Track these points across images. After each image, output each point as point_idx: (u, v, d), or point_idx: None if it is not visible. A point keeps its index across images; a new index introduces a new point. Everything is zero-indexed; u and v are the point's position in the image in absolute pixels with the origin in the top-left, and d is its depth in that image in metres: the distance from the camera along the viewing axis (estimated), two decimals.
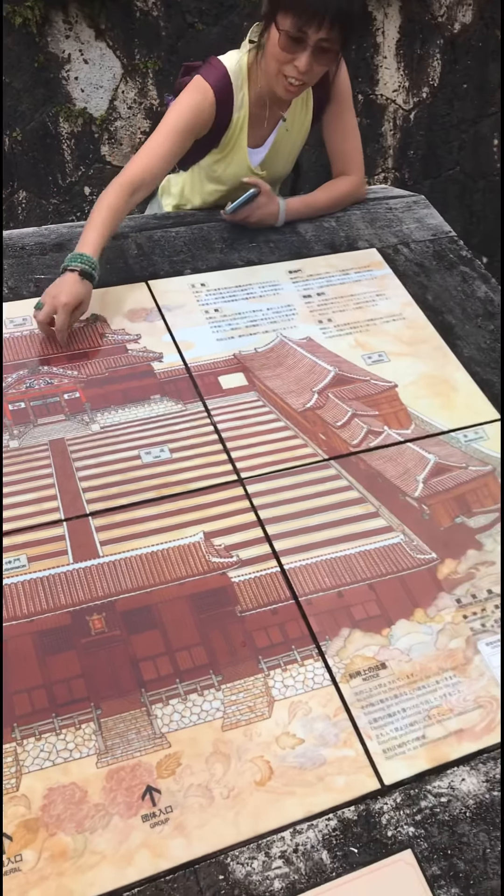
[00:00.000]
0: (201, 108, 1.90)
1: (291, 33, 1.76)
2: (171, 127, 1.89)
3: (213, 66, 1.94)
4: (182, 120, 1.89)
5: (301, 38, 1.76)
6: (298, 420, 1.72)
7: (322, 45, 1.77)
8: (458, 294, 2.06)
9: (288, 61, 1.81)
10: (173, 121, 1.89)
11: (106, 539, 1.47)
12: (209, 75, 1.92)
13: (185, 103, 1.90)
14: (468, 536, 1.56)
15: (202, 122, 1.93)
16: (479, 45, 4.34)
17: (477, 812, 1.23)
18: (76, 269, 1.72)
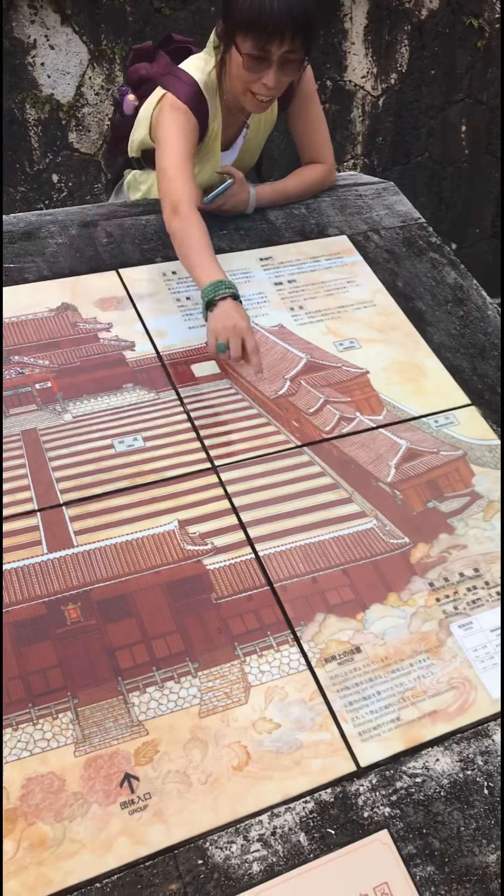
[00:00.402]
0: (189, 126, 1.87)
1: (254, 54, 1.73)
2: (180, 149, 1.84)
3: (183, 80, 1.89)
4: (183, 140, 1.85)
5: (265, 57, 1.73)
6: (271, 407, 1.73)
7: (287, 58, 1.74)
8: (427, 280, 2.08)
9: (254, 80, 1.79)
10: (177, 144, 1.84)
11: (80, 529, 1.46)
12: (180, 92, 1.88)
13: (175, 125, 1.85)
14: (440, 520, 1.58)
15: (195, 137, 1.90)
16: (446, 31, 4.35)
17: (451, 791, 1.25)
18: (227, 294, 1.67)
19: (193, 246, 1.75)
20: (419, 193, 4.70)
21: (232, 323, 1.64)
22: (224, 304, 1.66)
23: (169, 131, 1.86)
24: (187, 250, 1.76)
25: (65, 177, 3.78)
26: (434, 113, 4.55)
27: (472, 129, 4.71)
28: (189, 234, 1.76)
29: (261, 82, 1.78)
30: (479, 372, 1.87)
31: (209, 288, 1.68)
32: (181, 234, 1.77)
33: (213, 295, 1.67)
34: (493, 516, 1.60)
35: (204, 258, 1.73)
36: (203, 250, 1.74)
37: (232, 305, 1.66)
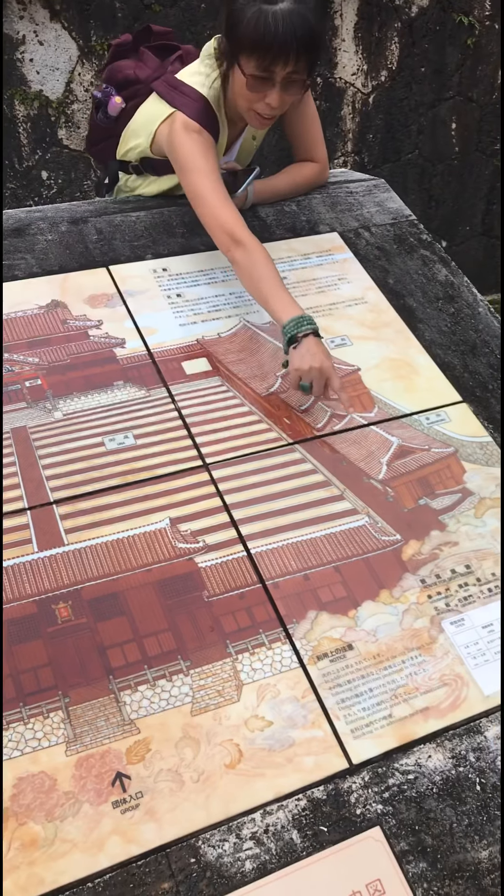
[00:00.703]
0: (207, 143, 1.84)
1: (258, 74, 1.71)
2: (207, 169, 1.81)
3: (190, 97, 1.86)
4: (206, 159, 1.82)
5: (268, 77, 1.71)
6: (263, 404, 1.72)
7: (291, 78, 1.72)
8: (418, 278, 2.08)
9: (258, 100, 1.77)
10: (203, 164, 1.81)
11: (71, 527, 1.46)
12: (191, 111, 1.85)
13: (195, 146, 1.82)
14: (431, 517, 1.58)
15: (215, 152, 1.89)
16: (437, 28, 4.35)
17: (443, 787, 1.25)
18: (310, 331, 1.65)
19: (265, 278, 1.73)
20: (409, 191, 4.70)
21: (318, 363, 1.62)
22: (307, 342, 1.64)
23: (192, 155, 1.83)
24: (258, 282, 1.73)
25: (54, 173, 3.76)
26: (424, 110, 4.55)
27: (462, 126, 4.72)
28: (257, 264, 1.74)
29: (264, 102, 1.76)
30: (471, 369, 1.87)
31: (291, 324, 1.65)
32: (248, 265, 1.75)
33: (296, 332, 1.65)
34: (485, 513, 1.60)
35: (278, 291, 1.71)
36: (276, 282, 1.72)
37: (314, 343, 1.64)
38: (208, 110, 1.87)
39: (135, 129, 2.02)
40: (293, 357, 1.66)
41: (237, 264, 1.78)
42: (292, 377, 1.67)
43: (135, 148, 2.03)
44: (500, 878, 1.17)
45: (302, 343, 1.64)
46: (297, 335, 1.65)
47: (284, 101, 1.78)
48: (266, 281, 1.72)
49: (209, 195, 1.81)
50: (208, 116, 1.87)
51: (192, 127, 1.84)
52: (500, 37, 4.54)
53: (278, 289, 1.71)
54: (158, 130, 1.92)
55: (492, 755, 1.29)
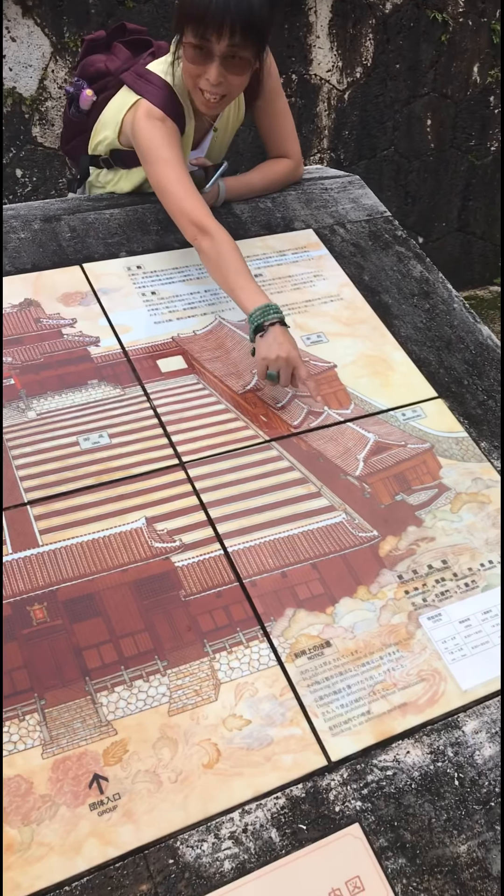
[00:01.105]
0: (171, 132, 1.83)
1: (196, 43, 1.70)
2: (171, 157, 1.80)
3: (156, 84, 1.85)
4: (169, 148, 1.81)
5: (206, 49, 1.70)
6: (239, 402, 1.72)
7: (230, 53, 1.70)
8: (394, 274, 2.08)
9: (199, 74, 1.75)
10: (166, 153, 1.80)
11: (45, 527, 1.44)
12: (155, 98, 1.84)
13: (158, 135, 1.81)
14: (408, 513, 1.58)
15: (179, 141, 1.87)
16: (411, 25, 4.36)
17: (422, 783, 1.25)
18: (276, 320, 1.65)
19: (231, 268, 1.72)
20: (385, 188, 4.71)
21: (285, 353, 1.63)
22: (273, 331, 1.64)
23: (155, 145, 1.82)
24: (225, 272, 1.73)
25: (29, 171, 3.73)
26: (399, 107, 4.57)
27: (437, 122, 4.74)
28: (223, 254, 1.73)
29: (204, 77, 1.75)
30: (446, 365, 1.88)
31: (257, 313, 1.65)
32: (214, 254, 1.75)
33: (262, 320, 1.65)
34: (461, 508, 1.61)
35: (245, 280, 1.71)
36: (242, 271, 1.72)
37: (281, 332, 1.65)
38: (172, 98, 1.86)
39: (104, 121, 2.01)
40: (259, 346, 1.66)
41: (203, 254, 1.78)
42: (259, 366, 1.68)
43: (104, 140, 2.02)
44: (478, 873, 1.18)
45: (268, 332, 1.65)
46: (264, 324, 1.65)
47: (228, 80, 1.75)
48: (232, 270, 1.72)
49: (174, 185, 1.80)
50: (173, 104, 1.86)
51: (155, 114, 1.83)
52: (474, 33, 4.56)
53: (245, 278, 1.71)
54: (124, 119, 1.91)
55: (470, 749, 1.30)
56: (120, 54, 2.06)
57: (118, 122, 1.94)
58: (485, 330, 1.99)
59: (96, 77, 2.06)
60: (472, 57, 4.67)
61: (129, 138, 1.92)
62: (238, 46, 1.69)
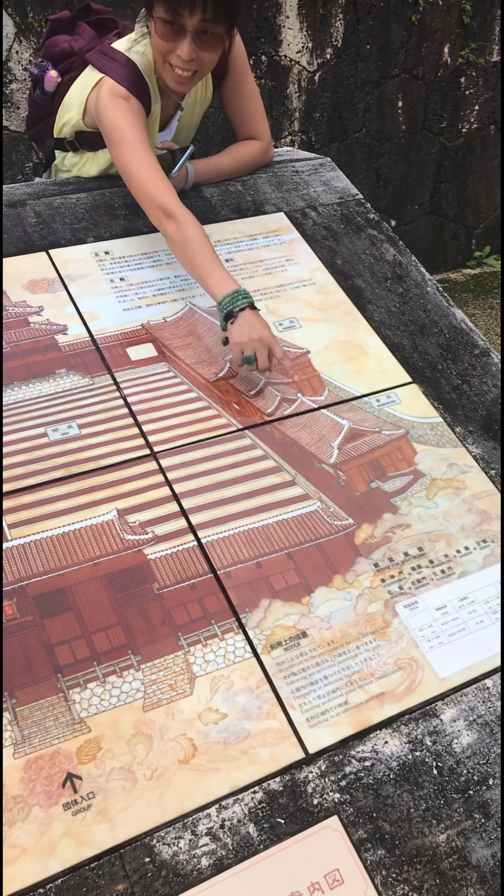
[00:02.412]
0: (135, 111, 1.79)
1: (167, 19, 1.66)
2: (135, 138, 1.76)
3: (119, 62, 1.81)
4: (133, 129, 1.77)
5: (178, 25, 1.67)
6: (211, 390, 1.69)
7: (202, 29, 1.67)
8: (366, 258, 2.05)
9: (170, 51, 1.72)
10: (130, 133, 1.76)
11: (14, 521, 1.41)
12: (119, 76, 1.79)
13: (122, 115, 1.77)
14: (383, 500, 1.57)
15: (144, 121, 1.83)
16: (381, 5, 4.32)
17: (400, 773, 1.24)
18: (246, 305, 1.63)
19: (198, 253, 1.69)
20: (357, 170, 4.68)
21: (257, 335, 1.61)
22: (244, 315, 1.63)
23: (118, 124, 1.77)
24: (192, 258, 1.70)
25: None
26: (370, 88, 4.53)
27: (408, 104, 4.70)
28: (190, 239, 1.70)
29: (175, 53, 1.71)
30: (420, 349, 1.86)
31: (226, 300, 1.64)
32: (181, 240, 1.71)
33: (232, 306, 1.63)
34: (436, 494, 1.59)
35: (212, 266, 1.68)
36: (210, 257, 1.69)
37: (252, 315, 1.63)
38: (137, 76, 1.81)
39: (68, 101, 1.96)
40: (232, 332, 1.64)
41: (170, 239, 1.75)
42: (234, 352, 1.65)
43: (68, 122, 1.97)
44: (458, 862, 1.17)
45: (239, 317, 1.63)
46: (234, 310, 1.63)
47: (201, 57, 1.73)
48: (199, 256, 1.69)
49: (138, 168, 1.76)
50: (137, 82, 1.81)
51: (118, 92, 1.79)
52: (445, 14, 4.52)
53: (213, 264, 1.68)
54: (88, 99, 1.87)
55: (448, 738, 1.29)
56: (85, 34, 2.01)
57: (82, 102, 1.89)
58: (458, 314, 1.97)
59: (61, 58, 2.01)
60: (443, 37, 4.64)
61: (93, 119, 1.88)
62: (210, 22, 1.66)
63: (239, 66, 2.01)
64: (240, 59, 2.01)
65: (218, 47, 1.74)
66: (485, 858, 1.18)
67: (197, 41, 1.69)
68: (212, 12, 1.64)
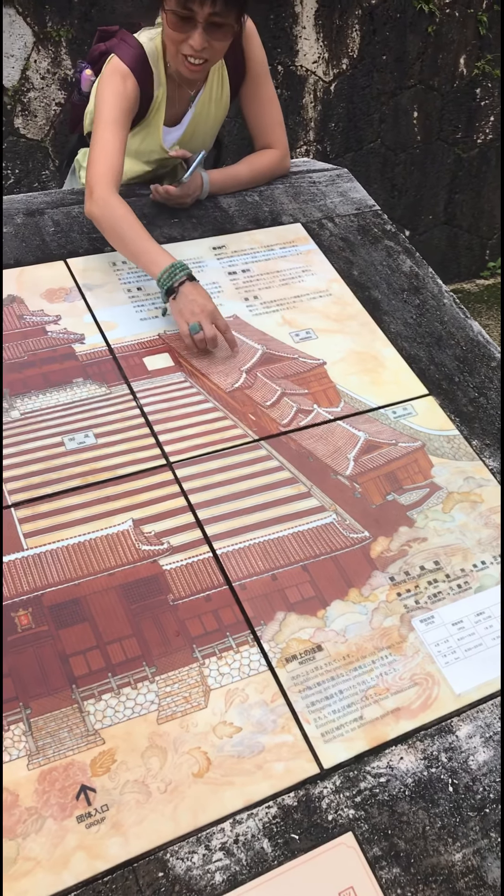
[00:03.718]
0: (127, 92, 1.82)
1: (178, 11, 1.70)
2: (110, 119, 1.80)
3: (129, 44, 1.86)
4: (116, 109, 1.81)
5: (189, 16, 1.70)
6: (227, 400, 1.69)
7: (213, 21, 1.71)
8: (383, 269, 2.05)
9: (182, 41, 1.76)
10: (108, 113, 1.80)
11: (30, 531, 1.41)
12: (125, 55, 1.84)
13: (111, 92, 1.81)
14: (399, 513, 1.56)
15: (132, 104, 1.86)
16: (398, 16, 4.33)
17: (416, 790, 1.23)
18: (185, 278, 1.66)
19: (128, 232, 1.71)
20: (372, 180, 4.68)
21: (199, 306, 1.64)
22: (184, 289, 1.66)
23: (103, 100, 1.82)
24: (122, 237, 1.72)
25: (11, 163, 3.67)
26: (386, 99, 4.53)
27: (423, 114, 4.70)
28: (119, 219, 1.72)
29: (187, 43, 1.75)
30: (437, 361, 1.85)
31: (165, 275, 1.66)
32: (109, 221, 1.73)
33: (172, 281, 1.65)
34: (452, 508, 1.58)
35: (146, 244, 1.70)
36: (141, 235, 1.70)
37: (192, 287, 1.66)
38: (142, 57, 1.85)
39: (93, 93, 2.00)
40: (173, 307, 1.67)
41: (97, 221, 1.77)
42: (180, 324, 1.67)
43: (89, 112, 2.00)
44: (474, 881, 1.16)
45: (179, 291, 1.65)
46: (174, 285, 1.65)
47: (212, 46, 1.76)
48: (130, 235, 1.71)
49: (95, 147, 1.79)
50: (140, 63, 1.85)
51: (119, 69, 1.83)
52: (461, 25, 4.52)
53: (145, 241, 1.70)
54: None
55: (464, 755, 1.27)
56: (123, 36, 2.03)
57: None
58: (475, 325, 1.97)
59: (98, 59, 2.04)
60: (459, 48, 4.64)
61: None
62: (220, 14, 1.70)
63: (258, 70, 2.02)
64: (259, 64, 2.02)
65: (229, 36, 1.78)
66: (501, 879, 1.16)
67: (208, 31, 1.73)
68: (221, 4, 1.67)
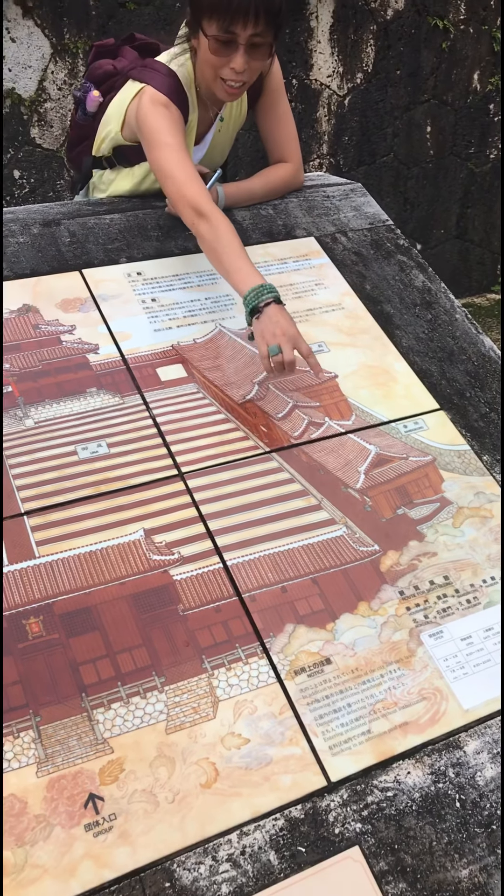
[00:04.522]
0: (175, 120, 1.83)
1: (220, 37, 1.72)
2: (176, 144, 1.80)
3: (160, 72, 1.87)
4: (178, 134, 1.82)
5: (231, 40, 1.72)
6: (239, 412, 1.70)
7: (254, 42, 1.73)
8: (395, 283, 2.06)
9: (223, 65, 1.77)
10: (171, 138, 1.80)
11: (42, 539, 1.42)
12: (160, 84, 1.85)
13: (163, 120, 1.81)
14: (410, 527, 1.56)
15: (183, 130, 1.87)
16: (412, 31, 4.35)
17: (423, 805, 1.23)
18: (271, 299, 1.64)
19: (227, 250, 1.71)
20: (384, 194, 4.70)
21: (282, 329, 1.61)
22: (269, 310, 1.63)
23: (159, 129, 1.82)
24: (221, 255, 1.72)
25: (27, 172, 3.71)
26: (399, 113, 4.55)
27: (437, 129, 4.73)
28: (221, 237, 1.72)
29: (229, 67, 1.76)
30: (448, 376, 1.86)
31: (252, 294, 1.64)
32: (211, 238, 1.73)
33: (257, 301, 1.64)
34: (463, 523, 1.59)
35: (241, 262, 1.69)
36: (239, 253, 1.71)
37: (277, 310, 1.64)
38: (177, 85, 1.86)
39: (108, 116, 2.01)
40: (257, 327, 1.64)
41: (201, 238, 1.77)
42: (260, 345, 1.65)
43: (107, 136, 2.02)
44: None
45: (264, 312, 1.63)
46: (259, 305, 1.63)
47: (251, 66, 1.78)
48: (228, 253, 1.71)
49: (175, 170, 1.79)
50: (177, 91, 1.86)
51: (159, 100, 1.83)
52: (475, 41, 4.55)
53: (240, 260, 1.70)
54: (129, 108, 1.91)
55: (471, 770, 1.28)
56: (128, 55, 2.06)
57: (121, 115, 1.93)
58: (487, 341, 1.97)
59: (104, 78, 2.06)
60: (473, 64, 4.66)
61: (132, 130, 1.91)
62: (261, 34, 1.72)
63: (275, 85, 2.05)
64: (276, 79, 2.04)
65: (267, 55, 1.81)
66: None
67: (249, 52, 1.75)
68: (263, 24, 1.70)
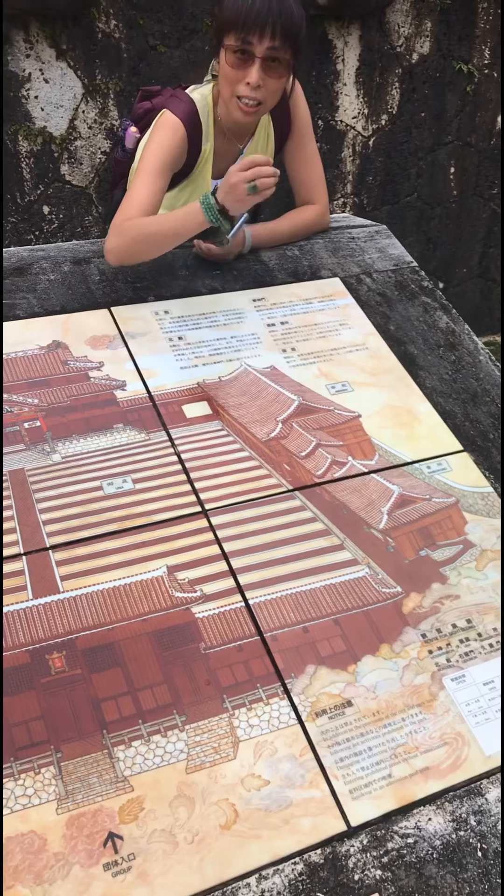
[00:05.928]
0: (174, 144, 1.90)
1: (237, 47, 1.77)
2: (152, 167, 1.87)
3: (181, 99, 1.94)
4: (159, 159, 1.88)
5: (248, 52, 1.77)
6: (263, 450, 1.71)
7: (270, 56, 1.78)
8: (419, 324, 2.08)
9: (239, 80, 1.82)
10: (148, 162, 1.88)
11: (66, 573, 1.43)
12: (177, 109, 1.92)
13: (156, 143, 1.89)
14: (432, 569, 1.56)
15: (177, 158, 1.93)
16: (437, 75, 4.42)
17: (444, 853, 1.22)
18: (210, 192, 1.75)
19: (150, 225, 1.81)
20: (407, 233, 4.75)
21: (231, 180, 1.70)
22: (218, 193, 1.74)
23: (149, 150, 1.90)
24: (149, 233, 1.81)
25: (56, 208, 3.78)
26: (423, 154, 4.61)
27: (460, 170, 4.78)
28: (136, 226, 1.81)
29: (244, 83, 1.81)
30: (472, 418, 1.87)
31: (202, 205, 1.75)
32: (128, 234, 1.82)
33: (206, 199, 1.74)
34: (486, 566, 1.58)
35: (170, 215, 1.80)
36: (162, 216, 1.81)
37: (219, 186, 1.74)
38: (193, 112, 1.93)
39: (140, 148, 2.06)
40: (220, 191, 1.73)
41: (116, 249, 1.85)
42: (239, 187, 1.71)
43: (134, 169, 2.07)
44: None
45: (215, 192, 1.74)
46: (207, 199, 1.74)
47: (266, 84, 1.82)
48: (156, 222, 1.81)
49: (129, 194, 1.87)
50: (192, 116, 1.93)
51: (170, 122, 1.90)
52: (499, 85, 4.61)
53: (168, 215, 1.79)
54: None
55: (493, 819, 1.26)
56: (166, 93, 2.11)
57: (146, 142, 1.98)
58: None
59: (142, 116, 2.12)
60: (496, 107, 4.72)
61: None
62: (278, 49, 1.76)
63: (303, 126, 2.09)
64: (304, 121, 2.08)
65: (284, 75, 1.84)
66: None
67: (265, 68, 1.79)
68: (280, 38, 1.75)
